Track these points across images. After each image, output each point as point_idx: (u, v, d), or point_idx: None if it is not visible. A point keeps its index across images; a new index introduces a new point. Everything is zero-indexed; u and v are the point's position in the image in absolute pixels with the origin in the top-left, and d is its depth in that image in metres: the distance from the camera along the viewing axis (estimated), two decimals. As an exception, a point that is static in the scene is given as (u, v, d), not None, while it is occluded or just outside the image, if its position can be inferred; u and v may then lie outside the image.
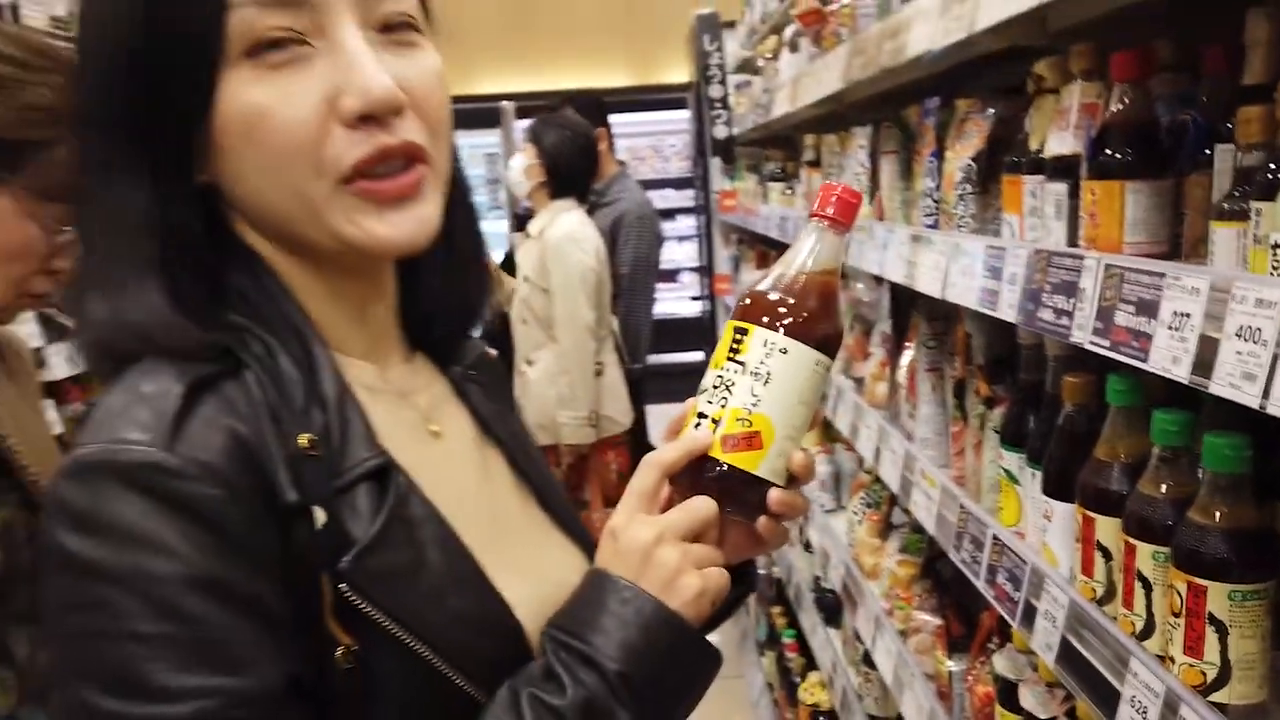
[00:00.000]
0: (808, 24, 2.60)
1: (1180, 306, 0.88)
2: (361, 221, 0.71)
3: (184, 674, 0.62)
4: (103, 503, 0.63)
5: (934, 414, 1.84)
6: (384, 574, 0.69)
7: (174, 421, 0.65)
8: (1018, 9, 1.17)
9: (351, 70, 0.68)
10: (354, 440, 0.71)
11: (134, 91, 0.70)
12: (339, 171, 0.70)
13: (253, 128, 0.68)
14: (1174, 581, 0.99)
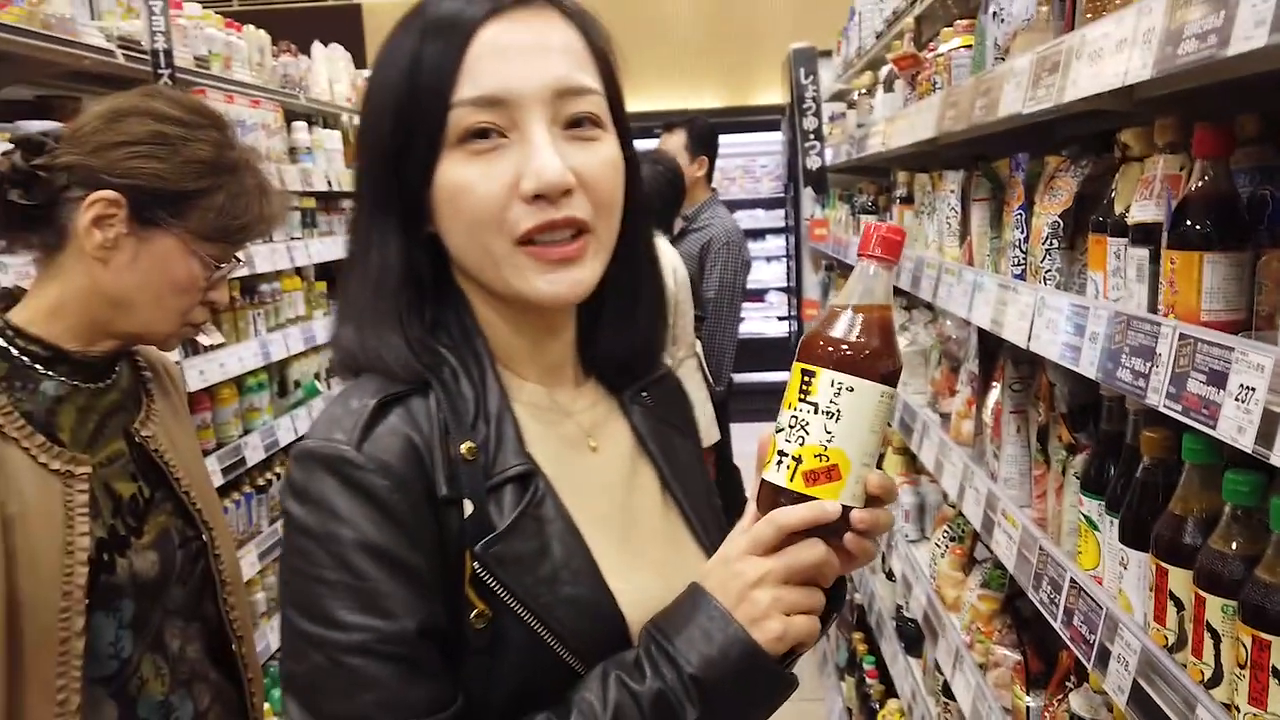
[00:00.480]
0: (903, 68, 2.67)
1: (1247, 380, 0.95)
2: (529, 277, 0.89)
3: (351, 613, 0.82)
4: (311, 481, 0.85)
5: (1018, 455, 1.90)
6: (510, 558, 0.86)
7: (364, 428, 0.85)
8: (1105, 85, 1.24)
9: (532, 160, 0.87)
10: (506, 450, 0.90)
11: (386, 170, 0.91)
12: (514, 235, 0.88)
13: (457, 197, 0.89)
14: (1240, 634, 1.05)
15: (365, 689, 0.82)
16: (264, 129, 3.66)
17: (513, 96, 0.87)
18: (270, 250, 3.56)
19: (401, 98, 0.88)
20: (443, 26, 0.88)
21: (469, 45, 0.87)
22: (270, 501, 3.51)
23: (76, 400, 1.37)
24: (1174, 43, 1.06)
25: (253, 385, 3.40)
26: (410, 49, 0.89)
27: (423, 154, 0.89)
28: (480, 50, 0.87)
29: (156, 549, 1.41)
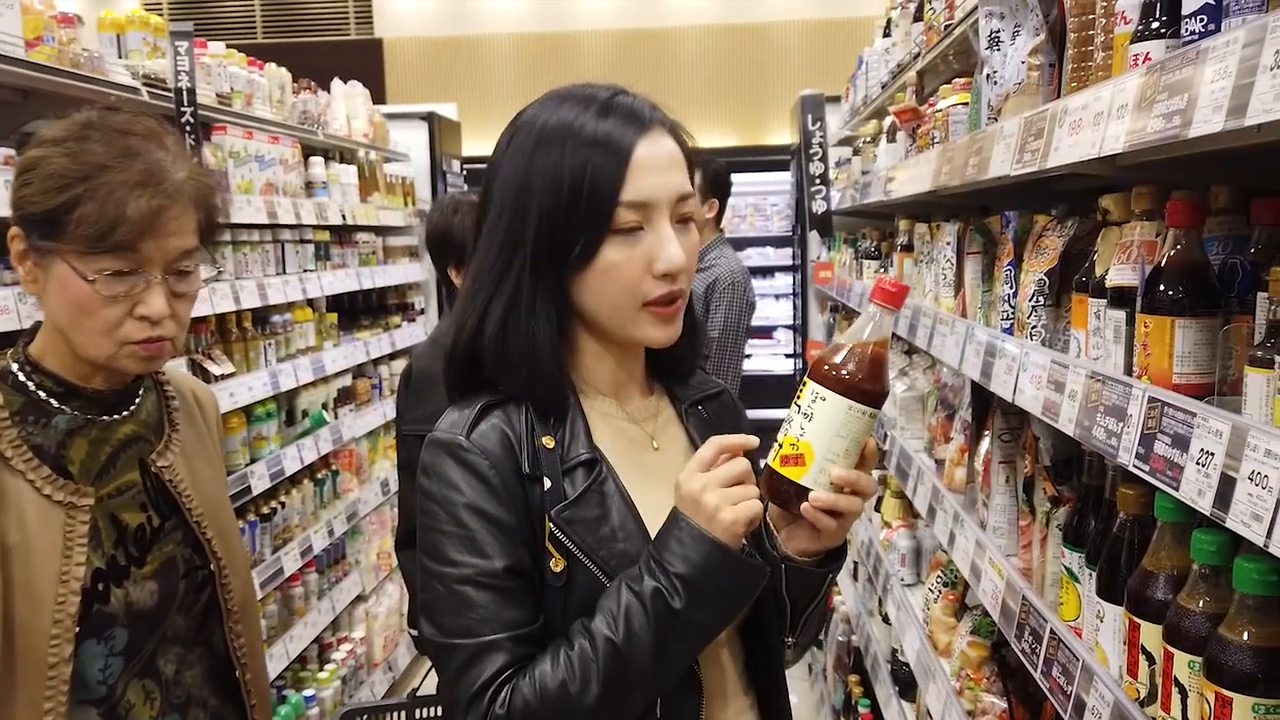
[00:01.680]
0: (905, 120, 2.74)
1: (1207, 445, 0.99)
2: (646, 329, 1.19)
3: (459, 553, 1.12)
4: (435, 460, 1.16)
5: (1006, 505, 1.93)
6: (578, 521, 1.14)
7: (471, 424, 1.16)
8: (1083, 155, 1.29)
9: (664, 248, 1.15)
10: (578, 442, 1.18)
11: (552, 249, 1.15)
12: (645, 300, 1.17)
13: (610, 272, 1.15)
14: (1205, 691, 1.08)
15: (471, 608, 1.11)
16: (282, 164, 3.75)
17: (654, 201, 1.15)
18: (283, 282, 3.64)
19: (577, 198, 1.13)
20: (609, 143, 1.13)
21: (630, 160, 1.13)
22: (274, 530, 3.56)
23: (89, 433, 1.41)
24: (1145, 119, 1.12)
25: (261, 414, 3.46)
26: (579, 163, 1.13)
27: (593, 239, 1.14)
28: (636, 164, 1.14)
29: (157, 579, 1.44)
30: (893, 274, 3.12)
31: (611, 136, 1.14)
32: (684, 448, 1.29)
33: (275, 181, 3.67)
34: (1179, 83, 1.05)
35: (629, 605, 1.09)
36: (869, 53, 4.12)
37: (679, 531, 1.10)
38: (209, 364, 3.08)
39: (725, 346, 4.19)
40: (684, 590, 1.08)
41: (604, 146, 1.13)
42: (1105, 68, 1.38)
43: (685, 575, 1.08)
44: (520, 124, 1.20)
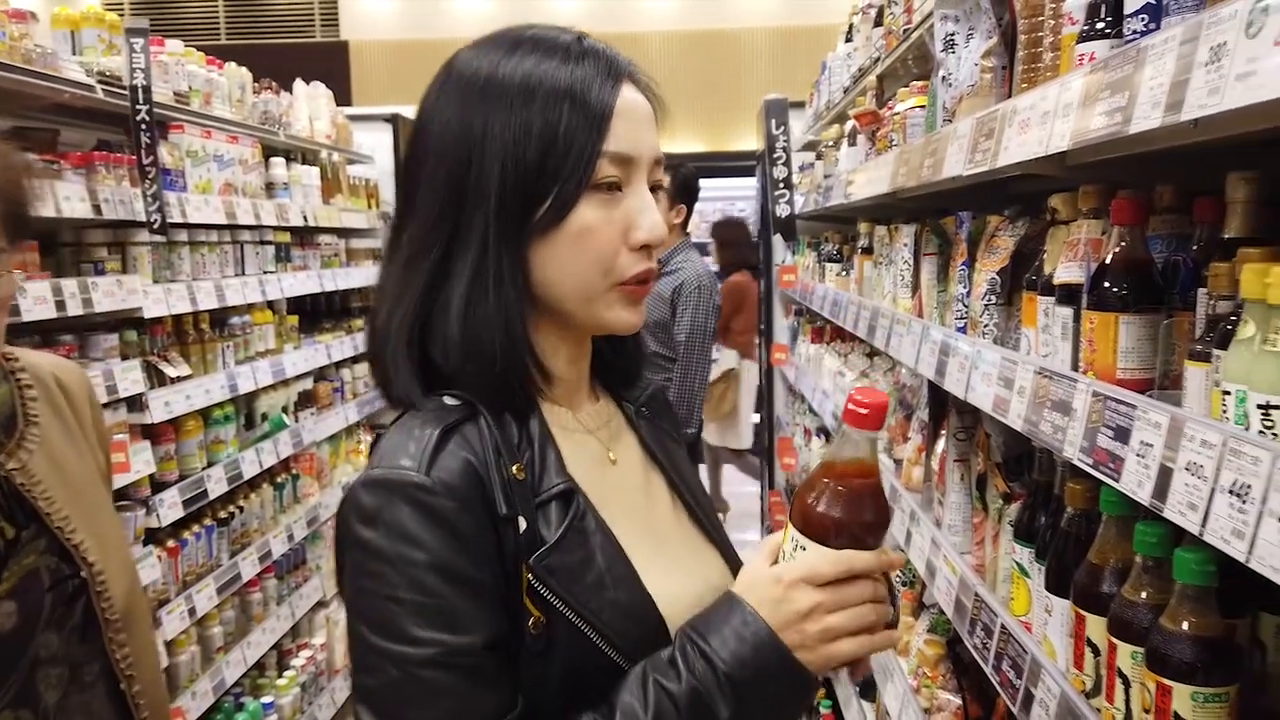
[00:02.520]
0: (864, 124, 2.76)
1: (1146, 437, 1.01)
2: (618, 311, 1.02)
3: (423, 629, 0.90)
4: (384, 507, 0.92)
5: (960, 503, 1.95)
6: (561, 569, 0.95)
7: (432, 455, 0.93)
8: (1030, 154, 1.31)
9: (645, 214, 1.00)
10: (549, 470, 0.99)
11: (521, 209, 0.97)
12: (620, 278, 1.01)
13: (585, 237, 0.98)
14: (1146, 680, 1.10)
15: (438, 698, 0.90)
16: (241, 164, 3.71)
17: (637, 156, 1.00)
18: (242, 283, 3.60)
19: (550, 146, 0.96)
20: (589, 89, 0.97)
21: (613, 107, 0.98)
22: (232, 535, 3.52)
23: None
24: (1089, 117, 1.13)
25: (219, 418, 3.41)
26: (553, 113, 0.96)
27: (569, 193, 0.96)
28: (619, 112, 0.98)
29: (16, 597, 1.26)
30: (854, 275, 3.14)
31: (589, 83, 0.97)
32: (639, 459, 1.13)
33: (234, 182, 3.63)
34: (1120, 80, 1.06)
35: (660, 707, 0.89)
36: (832, 58, 4.15)
37: (741, 625, 0.90)
38: (164, 366, 3.04)
39: (693, 349, 4.20)
40: (732, 693, 0.89)
41: (582, 93, 0.97)
42: (1054, 68, 1.40)
43: (737, 676, 0.89)
44: (462, 73, 1.01)
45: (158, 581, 2.96)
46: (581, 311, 1.01)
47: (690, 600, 1.00)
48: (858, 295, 2.95)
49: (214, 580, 3.30)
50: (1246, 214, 1.12)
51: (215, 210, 3.38)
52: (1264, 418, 0.88)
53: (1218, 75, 0.84)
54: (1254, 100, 0.78)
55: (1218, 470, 0.86)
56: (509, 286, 0.97)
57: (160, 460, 3.03)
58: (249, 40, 9.05)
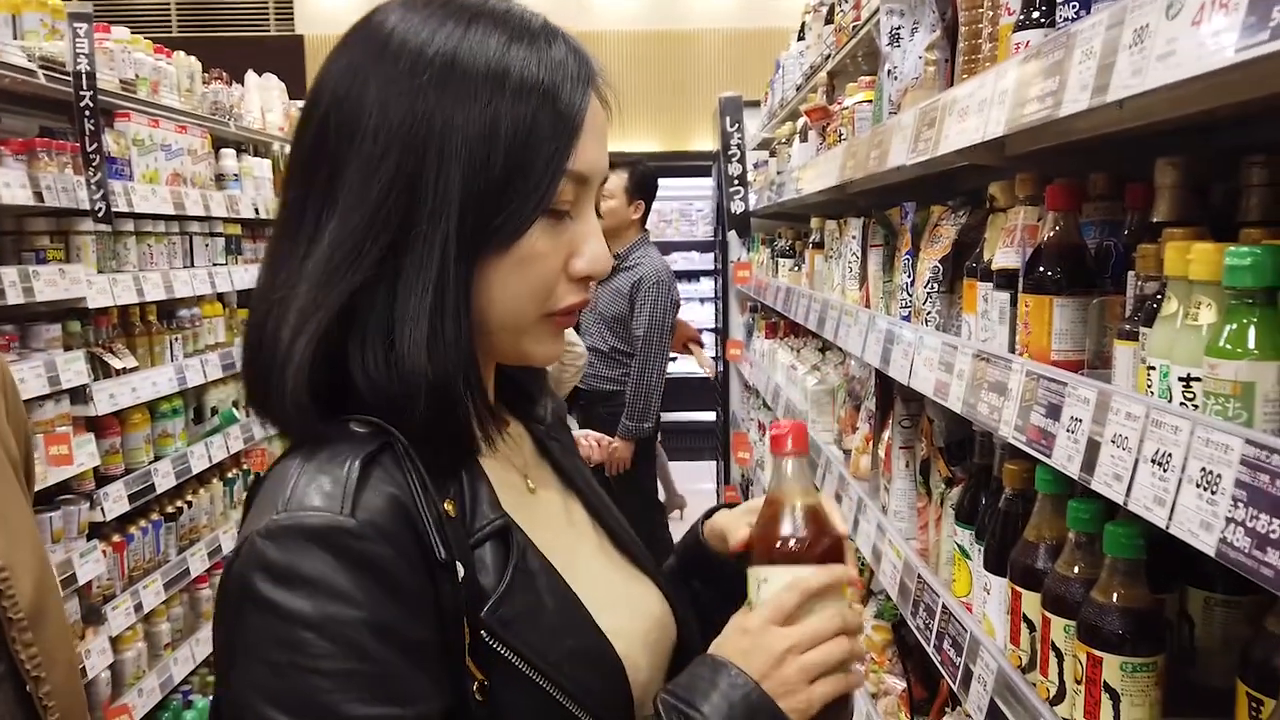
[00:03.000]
0: (815, 119, 2.79)
1: (1076, 412, 1.03)
2: (544, 342, 0.91)
3: (364, 704, 0.74)
4: (298, 560, 0.75)
5: (906, 489, 1.98)
6: (513, 620, 0.81)
7: (354, 493, 0.77)
8: (969, 141, 1.34)
9: (590, 243, 0.89)
10: (481, 504, 0.86)
11: (480, 220, 0.82)
12: (553, 308, 0.89)
13: (530, 263, 0.85)
14: (1077, 652, 1.13)
15: None
16: (190, 154, 3.66)
17: (592, 176, 0.88)
18: (190, 275, 3.55)
19: (518, 158, 0.82)
20: (560, 93, 0.84)
21: (584, 120, 0.85)
22: (180, 530, 3.46)
23: None
24: (1022, 103, 1.16)
25: (166, 411, 3.36)
26: (523, 114, 0.82)
27: (525, 215, 0.83)
28: (586, 127, 0.86)
29: None
30: (805, 270, 3.17)
31: (562, 80, 0.84)
32: (556, 486, 1.02)
33: (183, 172, 3.58)
34: (1052, 66, 1.09)
35: None
36: (785, 56, 4.19)
37: (728, 686, 0.82)
38: (109, 357, 2.99)
39: (651, 345, 4.21)
40: None
41: (554, 92, 0.83)
42: (992, 58, 1.43)
43: None
44: (406, 40, 0.83)
45: (103, 577, 2.91)
46: (507, 341, 0.89)
47: (639, 637, 0.93)
48: (809, 289, 2.99)
49: (161, 576, 3.25)
50: (1174, 199, 1.16)
51: (163, 200, 3.33)
52: (1185, 389, 0.91)
53: (1141, 57, 0.87)
54: (1174, 79, 0.81)
55: (1140, 441, 0.89)
56: (464, 314, 0.83)
57: (105, 454, 2.98)
58: (201, 34, 8.91)
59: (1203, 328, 0.91)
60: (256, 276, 0.89)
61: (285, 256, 0.84)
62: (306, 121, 0.86)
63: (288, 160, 0.87)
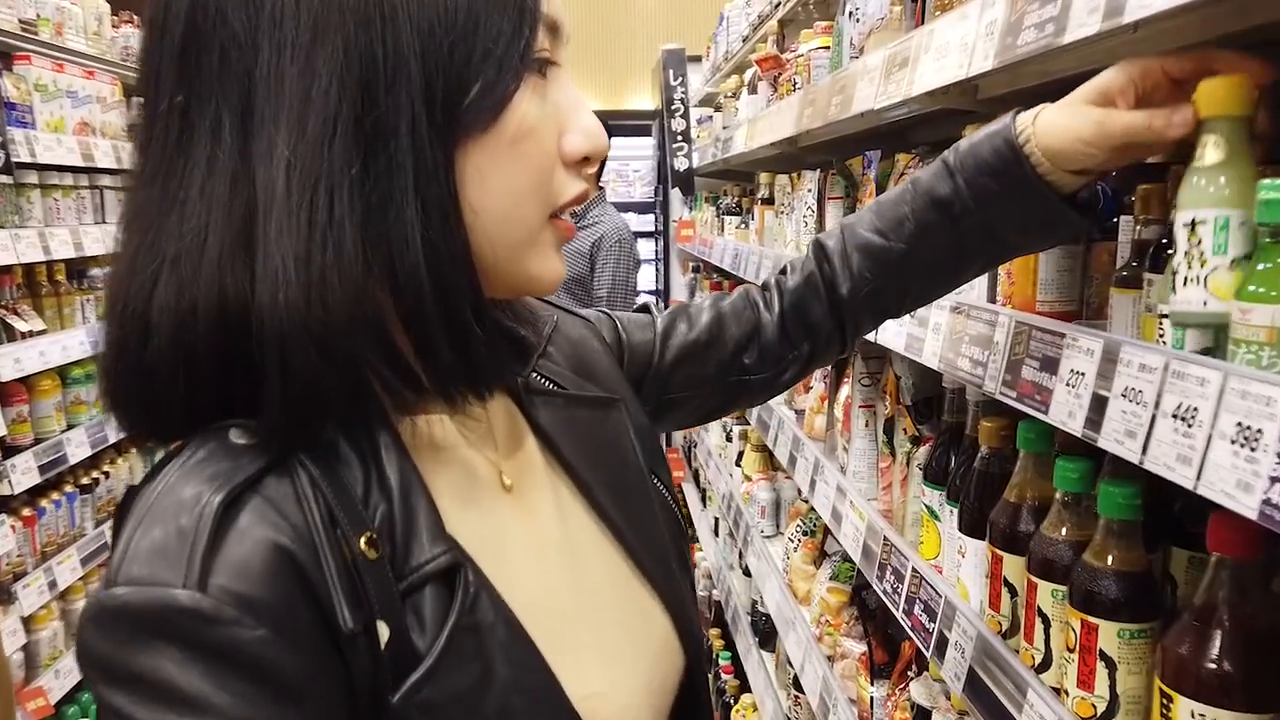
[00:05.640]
0: (765, 69, 2.69)
1: (1077, 365, 0.96)
2: (550, 257, 0.71)
3: None
4: (130, 656, 0.56)
5: (866, 449, 1.92)
6: (446, 702, 0.61)
7: (207, 551, 0.56)
8: (950, 78, 1.25)
9: (581, 114, 0.70)
10: (420, 533, 0.63)
11: (439, 105, 0.63)
12: (556, 201, 0.70)
13: (526, 141, 0.66)
14: (1069, 619, 1.07)
15: None
16: (99, 102, 3.42)
17: (562, 28, 0.70)
18: (102, 231, 3.33)
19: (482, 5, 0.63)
20: None
21: None
22: (97, 502, 3.28)
23: None
24: (1014, 34, 1.08)
25: (79, 376, 3.16)
26: None
27: (512, 71, 0.64)
28: None
29: None
30: (754, 226, 3.09)
31: None
32: (544, 473, 0.77)
33: (91, 121, 3.34)
34: (1051, -9, 1.00)
35: None
36: (729, 8, 4.08)
37: None
38: (14, 320, 2.78)
39: (615, 305, 4.10)
40: None
41: None
42: (970, -7, 1.35)
43: None
44: None
45: (12, 553, 2.73)
46: (508, 260, 0.67)
47: (634, 701, 0.73)
48: (759, 246, 2.90)
49: (77, 551, 3.08)
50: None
51: (69, 150, 3.11)
52: (1204, 339, 0.84)
53: (1165, -29, 0.79)
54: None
55: (1159, 394, 0.82)
56: (457, 222, 0.64)
57: (12, 422, 2.79)
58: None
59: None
60: (118, 239, 0.65)
61: (169, 204, 0.62)
62: (165, 22, 0.63)
63: (142, 80, 0.65)
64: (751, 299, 1.08)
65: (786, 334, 1.05)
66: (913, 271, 1.00)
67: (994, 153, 0.90)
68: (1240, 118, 0.80)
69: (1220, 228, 0.79)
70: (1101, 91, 0.86)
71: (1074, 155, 0.85)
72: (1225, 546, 0.86)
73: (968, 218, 0.93)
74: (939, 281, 1.04)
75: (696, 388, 1.06)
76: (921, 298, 1.07)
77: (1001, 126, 0.90)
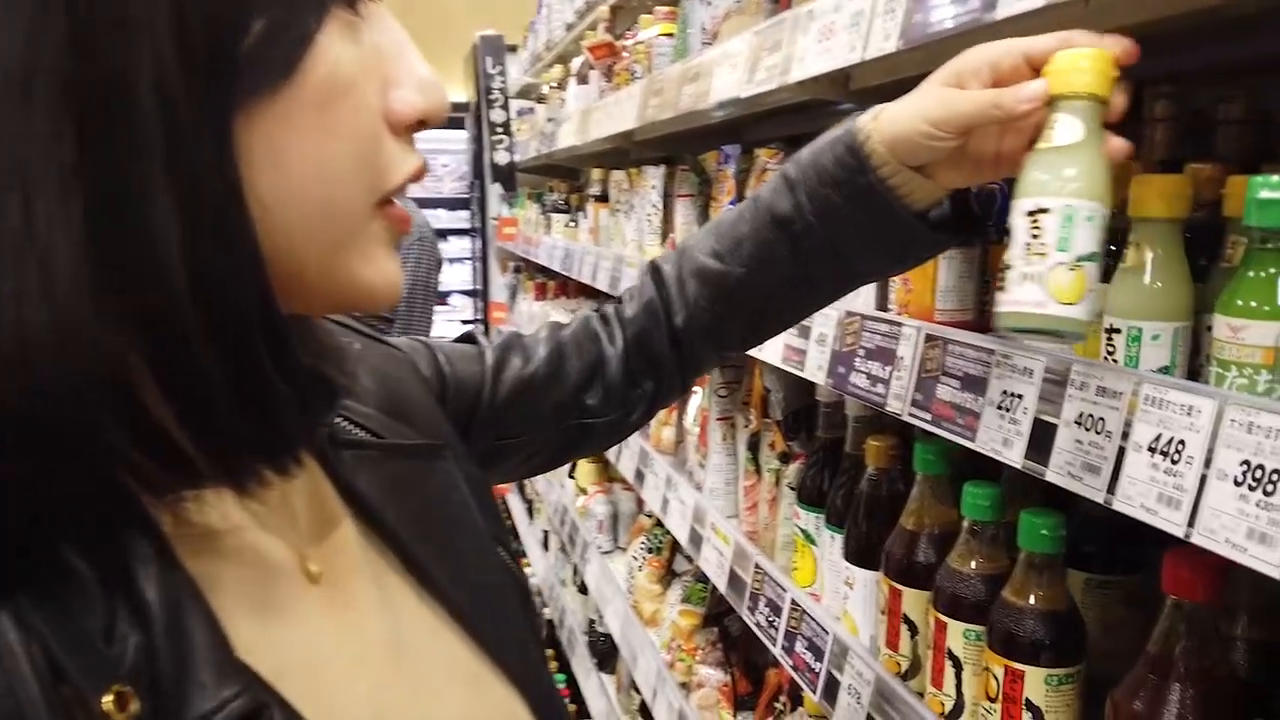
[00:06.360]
0: (599, 57, 2.54)
1: (1011, 387, 0.85)
2: (379, 256, 0.52)
3: None
4: None
5: (724, 464, 1.80)
6: None
7: None
8: (841, 62, 1.13)
9: (407, 59, 0.51)
10: (199, 669, 0.45)
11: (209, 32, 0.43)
12: (387, 184, 0.51)
13: (337, 98, 0.47)
14: (990, 665, 0.96)
15: None
16: None
17: None
18: None
19: None
20: None
21: None
22: None
23: None
24: (924, 9, 0.96)
25: None
26: None
27: (310, 11, 0.46)
28: None
29: None
30: (586, 225, 2.92)
31: None
32: (362, 553, 0.59)
33: None
34: (969, -37, 0.89)
35: None
36: (551, -5, 3.90)
37: None
38: None
39: (414, 308, 3.81)
40: None
41: None
42: (851, -29, 1.23)
43: None
44: None
45: None
46: (324, 267, 0.50)
47: None
48: (594, 246, 2.74)
49: None
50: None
51: None
52: (1170, 358, 0.74)
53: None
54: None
55: (1127, 423, 0.71)
56: (244, 219, 0.45)
57: None
58: None
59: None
60: None
61: None
62: None
63: None
64: (592, 330, 0.92)
65: (630, 370, 0.91)
66: (753, 299, 0.87)
67: (835, 160, 0.79)
68: (1094, 98, 0.70)
69: (1066, 219, 0.68)
70: (955, 73, 0.76)
71: (919, 145, 0.75)
72: (1185, 589, 0.76)
73: (810, 236, 0.81)
74: (785, 311, 0.92)
75: (532, 430, 0.89)
76: (764, 330, 0.94)
77: (843, 130, 0.80)
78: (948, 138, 0.74)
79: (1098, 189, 0.68)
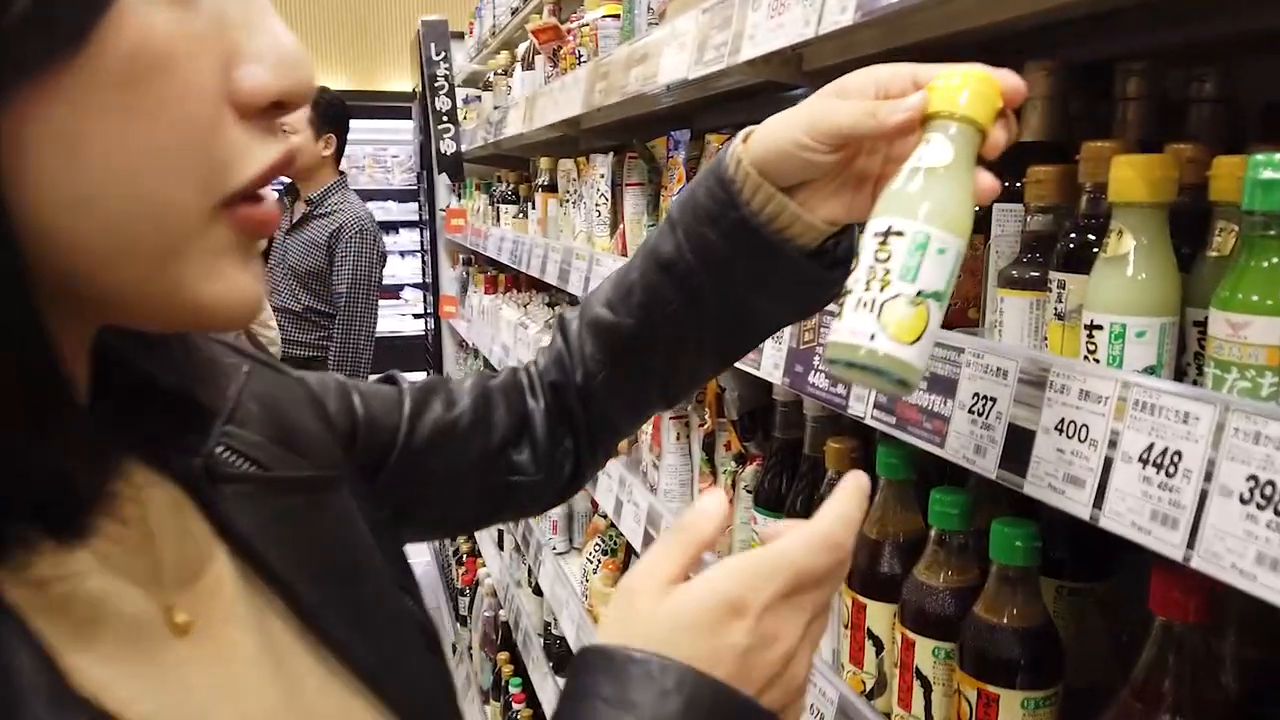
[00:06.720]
0: (544, 41, 2.44)
1: (982, 389, 0.78)
2: (229, 275, 0.43)
3: None
4: None
5: (678, 465, 1.72)
6: None
7: None
8: (796, 37, 1.05)
9: (261, 27, 0.42)
10: (30, 702, 0.38)
11: None
12: (229, 184, 0.42)
13: (149, 77, 0.39)
14: (963, 687, 0.89)
15: None
16: None
17: None
18: None
19: None
20: None
21: None
22: None
23: None
24: (882, -19, 0.88)
25: None
26: None
27: None
28: None
29: None
30: (535, 216, 2.83)
31: None
32: (245, 605, 0.52)
33: None
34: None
35: None
36: (496, -21, 3.78)
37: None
38: None
39: (356, 302, 3.69)
40: None
41: None
42: (803, -58, 1.15)
43: None
44: None
45: None
46: (145, 281, 0.42)
47: None
48: (543, 238, 2.65)
49: None
50: (1049, 113, 0.93)
51: None
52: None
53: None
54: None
55: (1113, 431, 0.64)
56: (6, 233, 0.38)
57: None
58: None
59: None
60: None
61: None
62: None
63: None
64: (519, 380, 0.84)
65: (552, 426, 0.82)
66: (650, 354, 0.78)
67: (707, 193, 0.71)
68: (970, 123, 0.62)
69: (917, 247, 0.60)
70: (839, 88, 0.68)
71: (792, 157, 0.67)
72: (1176, 610, 0.70)
73: (694, 278, 0.73)
74: (693, 365, 0.81)
75: (452, 483, 0.80)
76: (677, 387, 0.83)
77: (717, 158, 0.72)
78: (821, 149, 0.66)
79: (956, 221, 0.60)
